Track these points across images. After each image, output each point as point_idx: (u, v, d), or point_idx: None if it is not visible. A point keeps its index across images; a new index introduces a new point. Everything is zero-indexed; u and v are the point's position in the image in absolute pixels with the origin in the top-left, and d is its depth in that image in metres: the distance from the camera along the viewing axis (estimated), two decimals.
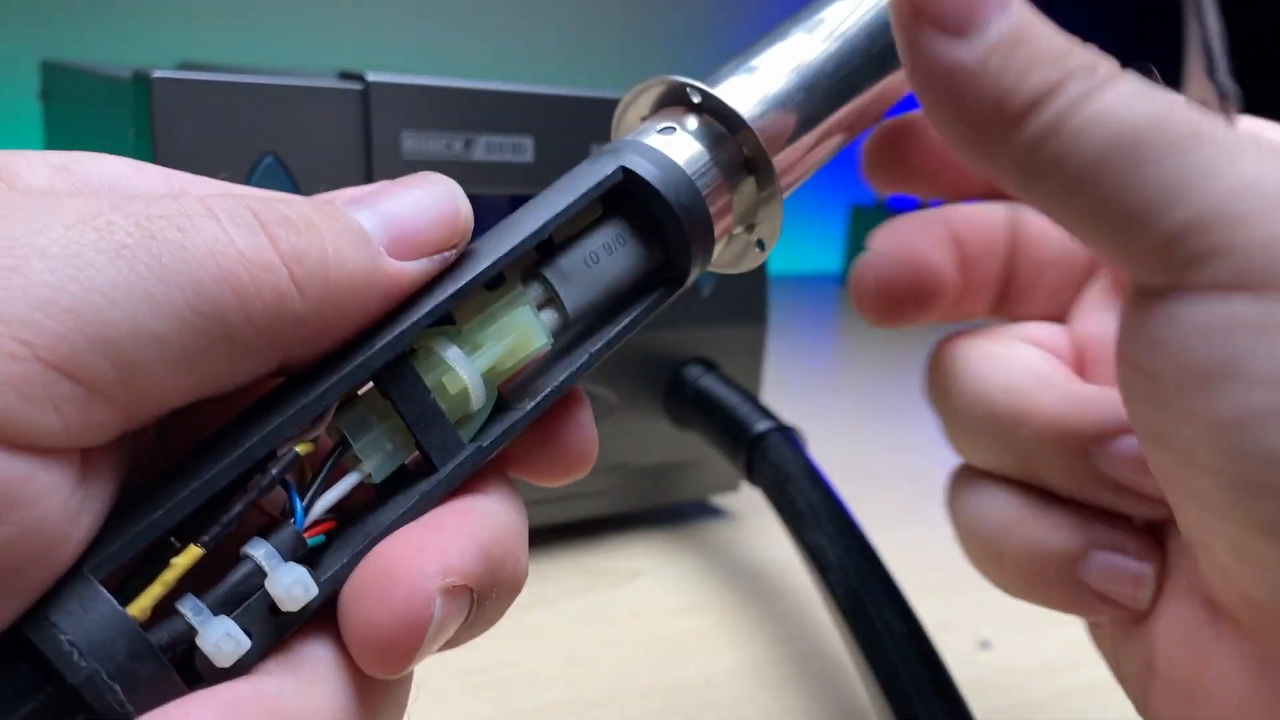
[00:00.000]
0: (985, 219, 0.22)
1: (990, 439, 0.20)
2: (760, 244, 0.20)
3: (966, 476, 0.22)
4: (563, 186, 0.17)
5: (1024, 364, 0.20)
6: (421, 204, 0.16)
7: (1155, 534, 0.19)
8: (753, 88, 0.19)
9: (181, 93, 0.30)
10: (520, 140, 0.36)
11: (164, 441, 0.16)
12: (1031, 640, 0.35)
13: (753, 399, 0.38)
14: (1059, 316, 0.22)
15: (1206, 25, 0.19)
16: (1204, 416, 0.14)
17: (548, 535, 0.42)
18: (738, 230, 0.20)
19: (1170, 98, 0.15)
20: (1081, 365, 0.21)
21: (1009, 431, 0.20)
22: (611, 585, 0.38)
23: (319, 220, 0.14)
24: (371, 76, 0.33)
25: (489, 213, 0.18)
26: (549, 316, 0.17)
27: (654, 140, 0.18)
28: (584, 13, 1.35)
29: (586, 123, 0.38)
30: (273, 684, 0.13)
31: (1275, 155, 0.15)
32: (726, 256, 0.21)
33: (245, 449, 0.14)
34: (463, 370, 0.16)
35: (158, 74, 0.30)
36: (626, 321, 0.18)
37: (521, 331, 0.17)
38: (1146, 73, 0.16)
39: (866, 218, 1.22)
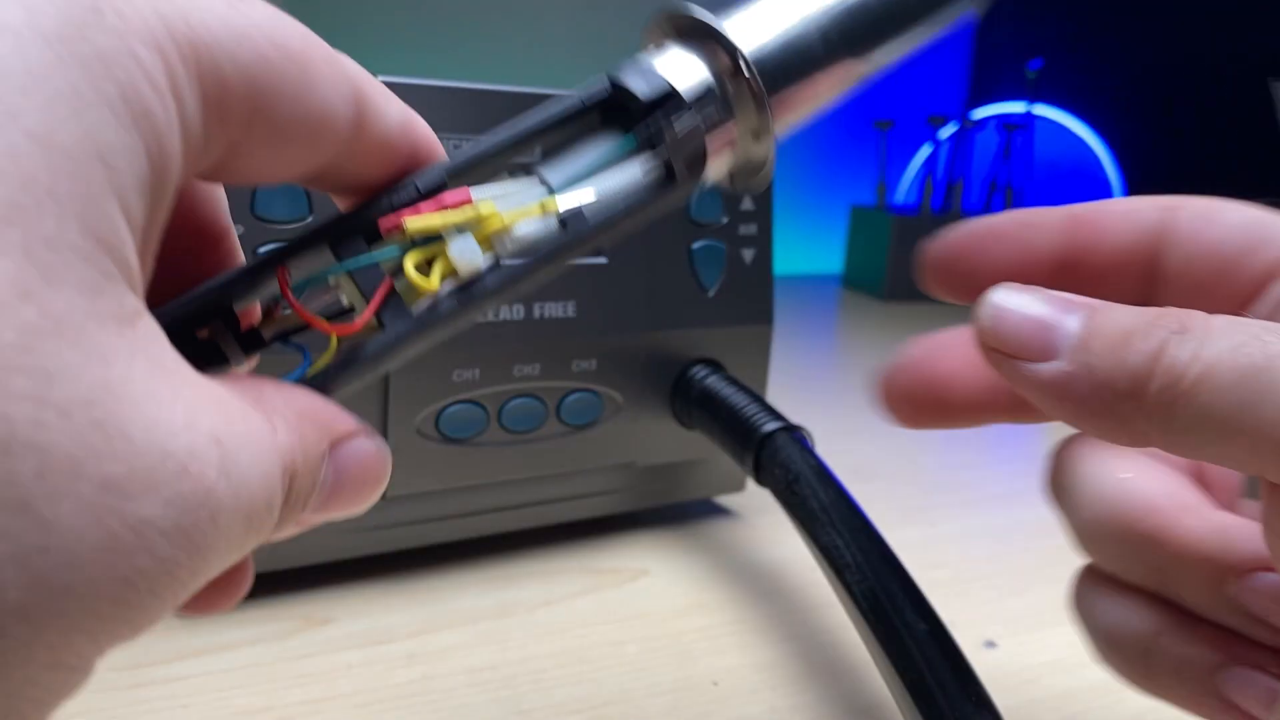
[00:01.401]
0: None
1: (1125, 551, 0.21)
2: (760, 166, 0.21)
3: (1097, 582, 0.22)
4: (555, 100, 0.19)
5: (1163, 486, 0.21)
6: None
7: None
8: (757, 22, 0.19)
9: None
10: None
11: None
12: (1037, 640, 0.35)
13: (759, 399, 0.38)
14: None
15: None
16: None
17: (554, 534, 0.42)
18: (740, 150, 0.20)
19: (1266, 328, 0.16)
20: (1198, 475, 0.22)
21: (1146, 550, 0.20)
22: (617, 584, 0.39)
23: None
24: (379, 79, 0.33)
25: None
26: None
27: (645, 56, 0.19)
28: (588, 15, 1.35)
29: None
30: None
31: None
32: (728, 174, 0.21)
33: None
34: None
35: None
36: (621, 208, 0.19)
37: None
38: None
39: (867, 218, 1.22)
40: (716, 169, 0.20)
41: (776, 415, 0.37)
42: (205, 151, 0.13)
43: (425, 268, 0.16)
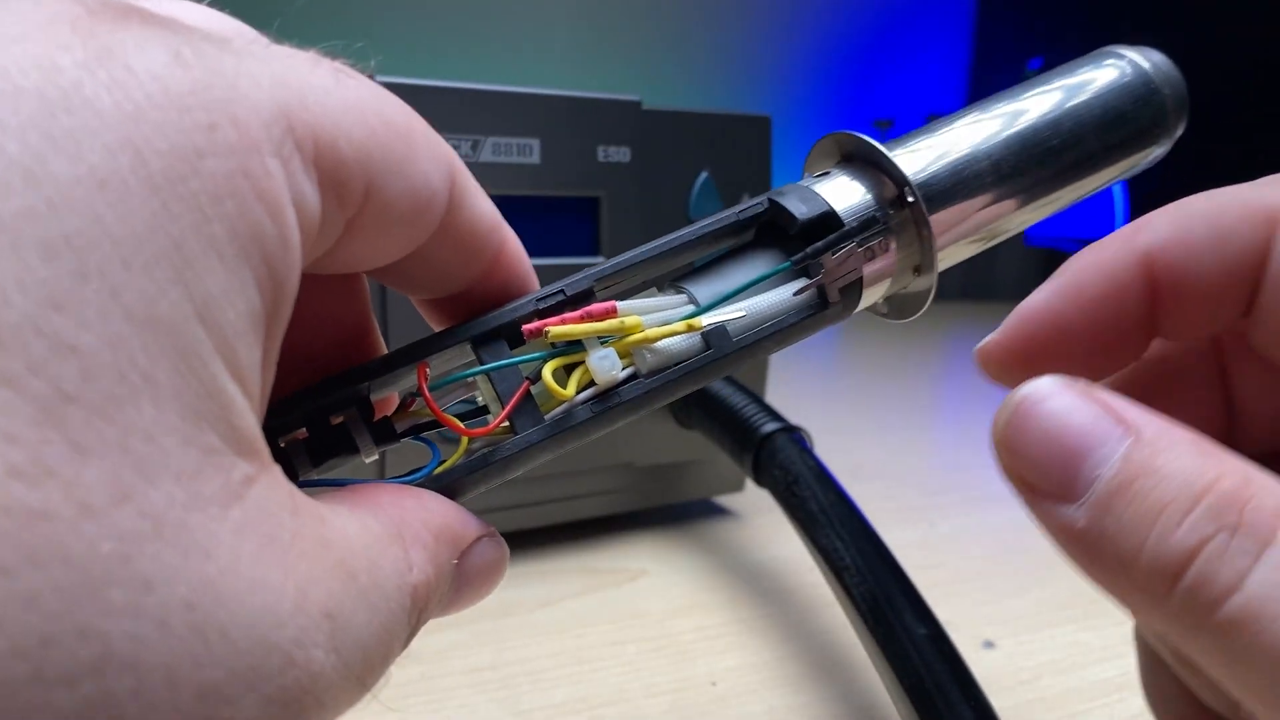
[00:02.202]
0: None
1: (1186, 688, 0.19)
2: (920, 297, 0.20)
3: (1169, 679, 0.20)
4: (715, 215, 0.18)
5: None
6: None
7: None
8: (926, 152, 0.18)
9: None
10: (527, 142, 0.36)
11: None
12: (1035, 640, 0.35)
13: (758, 399, 0.38)
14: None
15: None
16: None
17: (553, 535, 0.42)
18: (897, 281, 0.19)
19: None
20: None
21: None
22: (617, 585, 0.39)
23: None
24: (379, 78, 0.33)
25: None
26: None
27: (808, 182, 0.19)
28: (590, 16, 1.35)
29: (592, 125, 0.38)
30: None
31: None
32: (884, 305, 0.20)
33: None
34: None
35: None
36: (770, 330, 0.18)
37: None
38: None
39: None
40: (871, 298, 0.19)
41: (776, 416, 0.37)
42: (323, 236, 0.13)
43: (563, 375, 0.16)
